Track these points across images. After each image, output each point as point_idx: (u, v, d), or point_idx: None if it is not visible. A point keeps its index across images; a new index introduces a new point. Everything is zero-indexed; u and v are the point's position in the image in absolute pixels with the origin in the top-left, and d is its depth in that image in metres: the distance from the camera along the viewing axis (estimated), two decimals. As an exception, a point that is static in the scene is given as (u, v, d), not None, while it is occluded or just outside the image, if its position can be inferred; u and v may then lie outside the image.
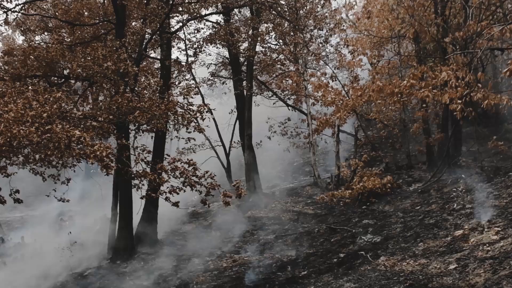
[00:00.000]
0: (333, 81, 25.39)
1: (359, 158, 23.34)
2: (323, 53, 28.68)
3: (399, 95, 17.58)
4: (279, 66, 28.92)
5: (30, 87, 15.30)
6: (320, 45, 27.76)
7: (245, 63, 26.32)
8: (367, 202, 20.41)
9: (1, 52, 19.69)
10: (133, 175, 14.78)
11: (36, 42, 23.57)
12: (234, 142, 29.32)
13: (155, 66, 25.21)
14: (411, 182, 22.26)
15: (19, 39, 36.28)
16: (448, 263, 10.80)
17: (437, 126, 25.80)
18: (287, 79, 29.47)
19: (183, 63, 26.29)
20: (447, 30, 19.98)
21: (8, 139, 12.12)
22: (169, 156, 14.99)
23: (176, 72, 26.87)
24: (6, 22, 18.77)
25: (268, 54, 26.56)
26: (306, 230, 19.22)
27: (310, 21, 26.15)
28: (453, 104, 13.41)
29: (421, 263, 11.34)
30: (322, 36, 26.62)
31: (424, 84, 14.99)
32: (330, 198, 21.32)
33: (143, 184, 15.44)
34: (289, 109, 30.96)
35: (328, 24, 26.47)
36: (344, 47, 26.14)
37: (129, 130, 18.59)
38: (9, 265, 20.69)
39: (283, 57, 28.54)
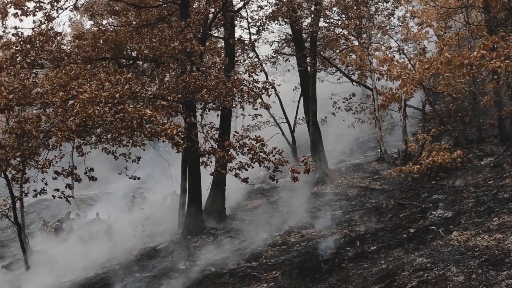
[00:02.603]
0: (399, 54, 24.78)
1: (427, 133, 22.77)
2: (388, 26, 27.97)
3: (469, 67, 16.95)
4: (342, 41, 28.46)
5: (101, 69, 15.84)
6: (385, 18, 27.07)
7: (308, 39, 26.01)
8: (436, 177, 19.97)
9: (72, 37, 20.43)
10: (201, 153, 15.12)
11: (103, 26, 24.28)
12: (299, 118, 29.26)
13: (219, 46, 25.43)
14: (482, 156, 21.58)
15: (87, 24, 37.51)
16: (526, 238, 10.47)
17: (509, 98, 24.80)
18: (351, 54, 28.97)
19: (246, 42, 26.37)
20: (520, -3, 19.07)
21: (83, 119, 12.65)
22: (237, 133, 15.17)
23: (239, 50, 27.00)
24: (75, 7, 19.38)
25: (332, 29, 26.17)
26: (373, 205, 19.08)
27: (374, -6, 25.53)
28: (527, 74, 12.88)
29: (496, 238, 11.01)
30: (388, 9, 25.94)
31: (496, 54, 14.40)
32: (397, 173, 21.01)
33: (211, 162, 15.77)
34: (353, 85, 30.45)
35: (394, -4, 25.77)
36: (410, 19, 25.42)
37: (196, 109, 18.91)
38: (85, 240, 21.74)
39: (346, 32, 28.05)
